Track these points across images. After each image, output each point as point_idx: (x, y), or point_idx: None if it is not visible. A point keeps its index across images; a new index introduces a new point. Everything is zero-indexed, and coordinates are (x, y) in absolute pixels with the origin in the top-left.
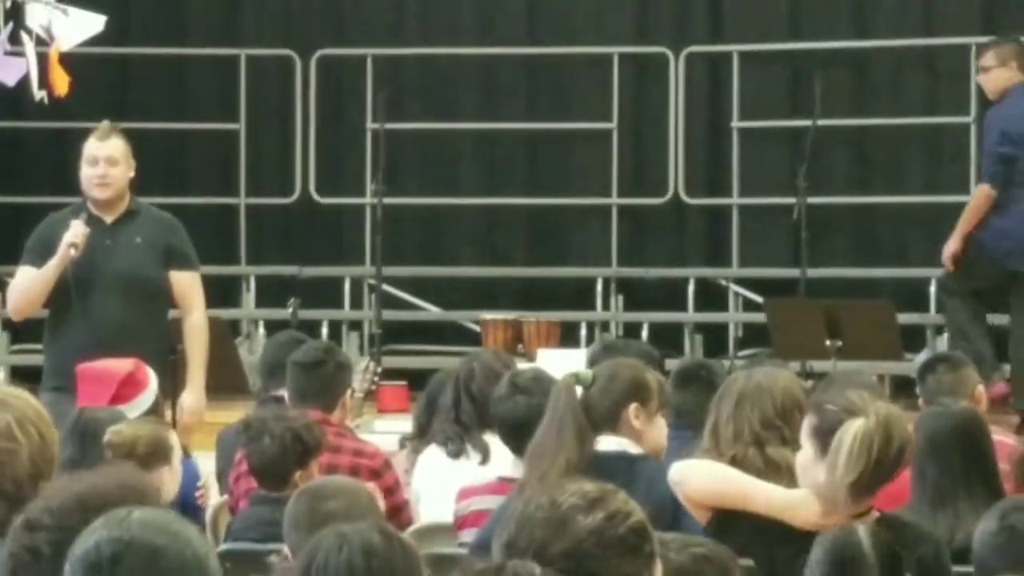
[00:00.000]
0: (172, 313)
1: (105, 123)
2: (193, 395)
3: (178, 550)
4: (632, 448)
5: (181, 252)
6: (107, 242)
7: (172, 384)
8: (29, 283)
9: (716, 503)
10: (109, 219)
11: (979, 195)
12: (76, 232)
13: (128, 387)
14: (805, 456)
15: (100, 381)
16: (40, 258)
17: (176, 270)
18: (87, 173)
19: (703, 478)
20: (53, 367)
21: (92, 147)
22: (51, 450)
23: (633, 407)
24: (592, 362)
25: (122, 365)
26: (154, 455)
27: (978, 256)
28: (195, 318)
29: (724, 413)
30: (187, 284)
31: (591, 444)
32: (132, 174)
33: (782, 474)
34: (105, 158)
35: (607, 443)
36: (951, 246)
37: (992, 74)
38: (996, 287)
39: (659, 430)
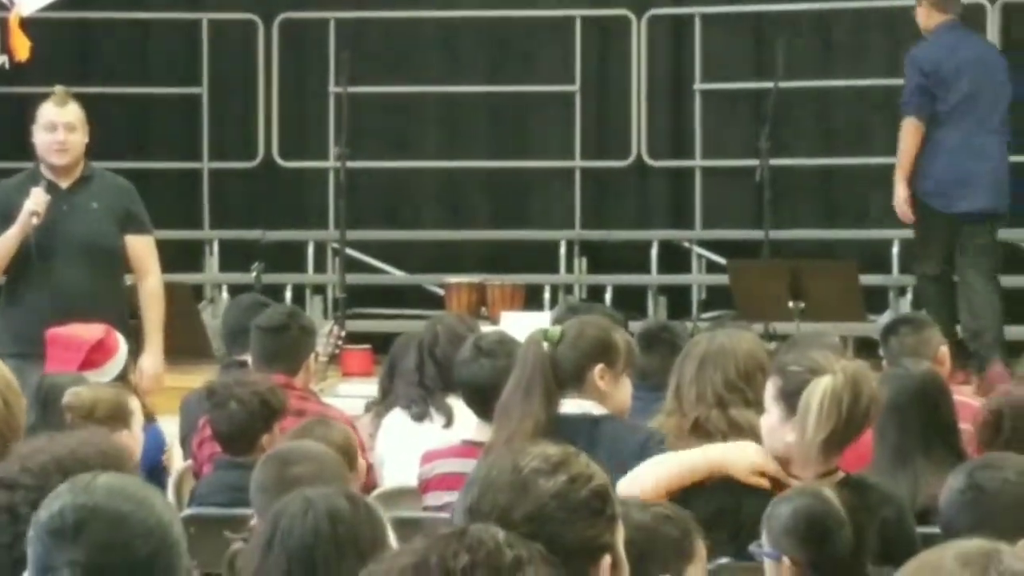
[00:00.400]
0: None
1: (60, 89)
2: (151, 359)
3: (143, 517)
4: (595, 409)
5: (137, 217)
6: (64, 208)
7: (135, 348)
8: None
9: (671, 490)
10: (64, 184)
11: (907, 129)
12: (37, 200)
13: (98, 353)
14: (771, 419)
15: (69, 347)
16: None
17: (132, 234)
18: (45, 139)
19: (647, 482)
20: (14, 333)
21: (50, 113)
22: (17, 418)
23: (599, 368)
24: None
25: (92, 331)
26: (113, 418)
27: (916, 210)
28: (151, 282)
29: (687, 375)
30: (143, 248)
31: (557, 404)
32: (87, 140)
33: (745, 435)
34: (64, 124)
35: (569, 406)
36: (899, 192)
37: (917, 13)
38: (948, 239)
39: (624, 391)
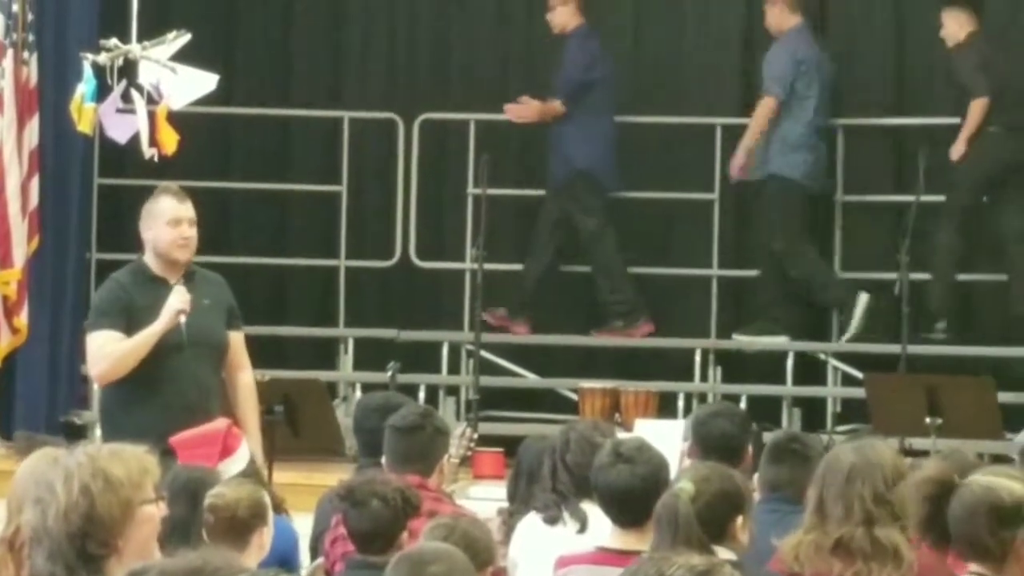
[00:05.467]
0: None
1: (174, 185)
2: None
3: None
4: (729, 555)
5: (236, 312)
6: None
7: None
8: (126, 349)
9: None
10: (172, 280)
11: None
12: (183, 299)
13: (231, 439)
14: None
15: (205, 442)
16: (123, 322)
17: (234, 330)
18: (170, 235)
19: None
20: (142, 430)
21: (174, 208)
22: (100, 511)
23: (740, 519)
24: (691, 429)
25: (216, 424)
26: (255, 515)
27: None
28: (248, 376)
29: (832, 490)
30: (241, 343)
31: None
32: None
33: (888, 557)
34: (188, 219)
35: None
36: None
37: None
38: None
39: (746, 532)
